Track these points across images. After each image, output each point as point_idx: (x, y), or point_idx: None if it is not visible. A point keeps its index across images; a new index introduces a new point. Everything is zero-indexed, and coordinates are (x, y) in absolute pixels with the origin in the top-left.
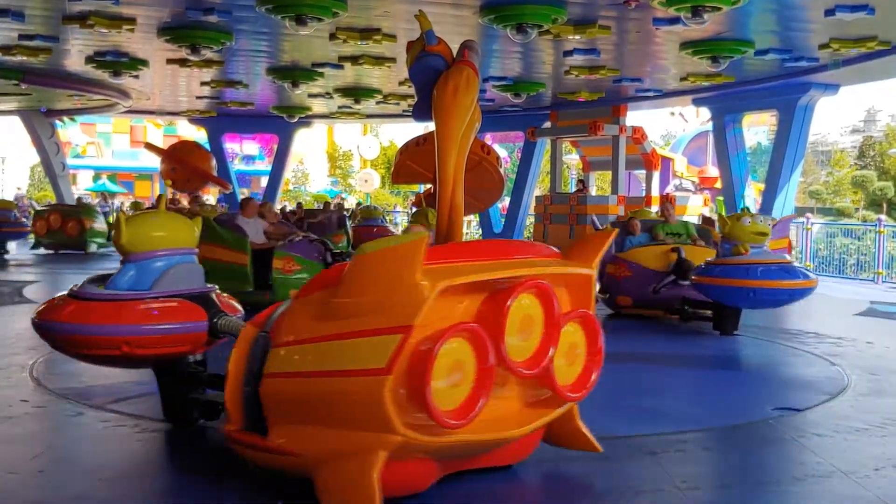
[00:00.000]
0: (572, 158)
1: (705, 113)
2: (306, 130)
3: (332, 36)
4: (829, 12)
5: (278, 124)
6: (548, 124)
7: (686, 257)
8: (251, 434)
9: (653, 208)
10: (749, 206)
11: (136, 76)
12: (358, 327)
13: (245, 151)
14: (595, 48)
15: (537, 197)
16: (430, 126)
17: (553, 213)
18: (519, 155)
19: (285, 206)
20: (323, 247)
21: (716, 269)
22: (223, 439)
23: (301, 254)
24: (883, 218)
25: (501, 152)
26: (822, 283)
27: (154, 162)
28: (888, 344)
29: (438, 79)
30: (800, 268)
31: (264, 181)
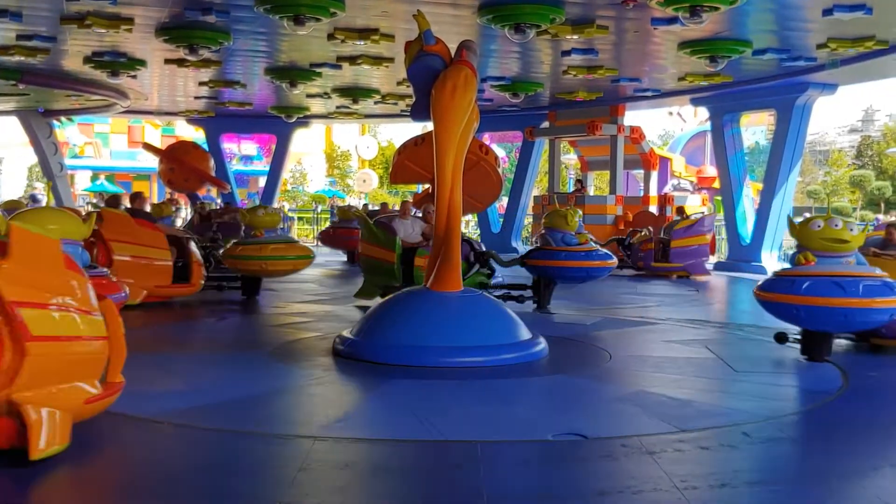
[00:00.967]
0: (570, 158)
1: (703, 112)
2: (304, 130)
3: (331, 36)
4: (827, 12)
5: (276, 124)
6: (546, 124)
7: None
8: None
9: (651, 208)
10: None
11: (134, 76)
12: None
13: (243, 151)
14: (593, 48)
15: (535, 197)
16: (429, 126)
17: None
18: (517, 155)
19: (205, 204)
20: (468, 246)
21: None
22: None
23: None
24: (881, 217)
25: (500, 152)
26: None
27: (152, 162)
28: None
29: (437, 79)
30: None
31: (262, 181)
